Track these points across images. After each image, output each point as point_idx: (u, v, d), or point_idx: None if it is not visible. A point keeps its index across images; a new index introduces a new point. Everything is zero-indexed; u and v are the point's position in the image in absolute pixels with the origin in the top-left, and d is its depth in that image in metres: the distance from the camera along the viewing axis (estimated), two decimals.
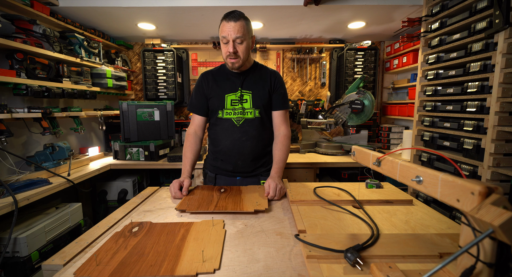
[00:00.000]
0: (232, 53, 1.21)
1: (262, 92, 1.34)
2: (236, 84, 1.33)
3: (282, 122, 1.39)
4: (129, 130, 2.27)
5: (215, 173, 1.43)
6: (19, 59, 1.64)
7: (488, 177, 1.37)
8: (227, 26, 1.18)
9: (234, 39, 1.19)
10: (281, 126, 1.39)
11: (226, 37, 1.19)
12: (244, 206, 1.03)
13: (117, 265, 0.67)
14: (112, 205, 2.30)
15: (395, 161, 0.67)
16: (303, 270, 0.66)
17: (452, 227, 0.87)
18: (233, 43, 1.20)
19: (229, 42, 1.20)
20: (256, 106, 1.34)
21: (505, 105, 1.32)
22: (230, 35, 1.18)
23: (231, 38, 1.18)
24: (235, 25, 1.17)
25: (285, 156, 1.33)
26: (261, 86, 1.35)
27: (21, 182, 1.50)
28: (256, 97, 1.33)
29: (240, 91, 1.33)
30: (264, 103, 1.34)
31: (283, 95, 1.39)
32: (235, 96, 1.33)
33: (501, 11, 1.27)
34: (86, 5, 1.97)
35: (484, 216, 0.41)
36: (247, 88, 1.34)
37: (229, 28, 1.18)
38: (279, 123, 1.39)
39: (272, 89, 1.36)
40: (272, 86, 1.36)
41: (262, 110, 1.35)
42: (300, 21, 2.34)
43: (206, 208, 1.02)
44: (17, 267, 1.31)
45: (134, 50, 3.01)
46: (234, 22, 1.17)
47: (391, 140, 2.64)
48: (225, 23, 1.19)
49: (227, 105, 1.33)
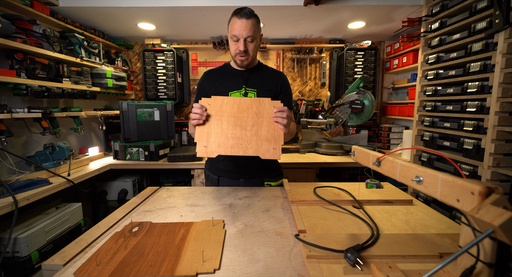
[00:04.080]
0: (243, 51, 1.21)
1: (268, 92, 1.33)
2: (240, 82, 1.33)
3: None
4: (129, 130, 2.27)
5: (217, 175, 1.41)
6: (19, 59, 1.65)
7: (488, 177, 1.37)
8: (239, 24, 1.17)
9: (246, 38, 1.19)
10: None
11: (237, 36, 1.19)
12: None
13: (117, 265, 0.67)
14: (112, 205, 2.30)
15: (395, 161, 0.67)
16: (303, 270, 0.66)
17: (452, 227, 0.87)
18: (244, 42, 1.20)
19: (240, 41, 1.20)
20: None
21: (505, 105, 1.32)
22: (242, 34, 1.18)
23: (242, 37, 1.18)
24: (247, 23, 1.17)
25: (291, 127, 1.25)
26: (267, 85, 1.34)
27: (21, 182, 1.50)
28: (261, 95, 1.32)
29: (244, 89, 1.32)
30: None
31: (289, 96, 1.39)
32: (239, 93, 1.32)
33: (501, 11, 1.27)
34: (86, 5, 1.97)
35: (484, 216, 0.41)
36: (252, 86, 1.33)
37: (241, 27, 1.17)
38: None
39: (280, 90, 1.36)
40: (280, 87, 1.36)
41: None
42: (300, 21, 2.34)
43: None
44: (17, 267, 1.31)
45: (134, 50, 3.01)
46: (246, 20, 1.16)
47: (391, 140, 2.64)
48: (237, 20, 1.17)
49: None
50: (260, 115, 1.06)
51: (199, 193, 1.26)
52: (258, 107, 1.06)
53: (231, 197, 1.20)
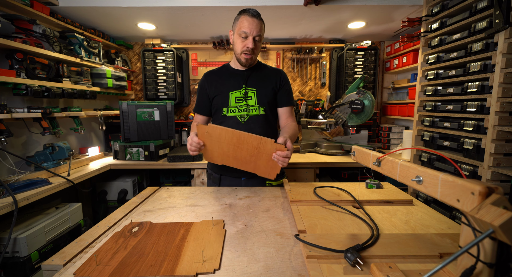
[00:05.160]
0: (251, 49, 1.24)
1: (268, 90, 1.35)
2: (240, 81, 1.34)
3: (289, 118, 1.40)
4: (129, 130, 2.26)
5: (219, 174, 1.42)
6: (19, 59, 1.64)
7: (488, 177, 1.37)
8: (250, 22, 1.21)
9: (255, 36, 1.22)
10: (288, 120, 1.40)
11: (247, 33, 1.21)
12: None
13: (117, 265, 0.67)
14: (112, 205, 2.30)
15: (395, 161, 0.67)
16: (303, 270, 0.66)
17: (452, 227, 0.87)
18: (253, 40, 1.23)
19: (249, 38, 1.22)
20: (262, 103, 1.34)
21: (505, 105, 1.32)
22: (252, 32, 1.21)
23: (252, 34, 1.21)
24: (258, 22, 1.22)
25: (293, 132, 1.29)
26: (267, 83, 1.36)
27: (21, 182, 1.50)
28: (261, 94, 1.34)
29: (244, 88, 1.33)
30: (269, 100, 1.35)
31: (288, 91, 1.40)
32: (239, 93, 1.33)
33: (501, 11, 1.27)
34: (86, 5, 1.97)
35: (484, 216, 0.41)
36: (252, 85, 1.34)
37: (252, 24, 1.20)
38: (285, 119, 1.40)
39: (278, 86, 1.37)
40: (278, 83, 1.37)
41: (267, 107, 1.35)
42: (300, 21, 2.34)
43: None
44: (17, 267, 1.31)
45: (134, 50, 3.01)
46: (257, 20, 1.22)
47: (391, 140, 2.64)
48: (248, 18, 1.21)
49: (231, 102, 1.33)
50: (260, 151, 1.04)
51: (199, 193, 1.26)
52: (259, 144, 1.02)
53: (231, 197, 1.20)
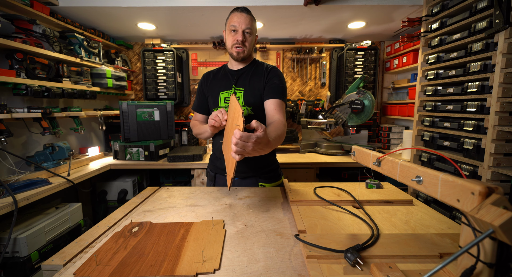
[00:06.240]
0: (241, 41, 1.24)
1: (256, 89, 1.29)
2: (231, 81, 1.33)
3: (276, 110, 1.20)
4: (129, 130, 2.26)
5: (214, 172, 1.43)
6: (19, 59, 1.64)
7: (488, 177, 1.37)
8: (238, 16, 1.23)
9: (244, 29, 1.23)
10: (274, 115, 1.19)
11: (236, 27, 1.23)
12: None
13: (117, 265, 0.67)
14: (112, 205, 2.30)
15: (395, 161, 0.67)
16: (303, 270, 0.66)
17: (452, 227, 0.87)
18: (243, 33, 1.24)
19: (238, 31, 1.23)
20: (248, 104, 1.29)
21: (505, 105, 1.32)
22: (241, 25, 1.22)
23: (241, 28, 1.23)
24: (246, 17, 1.23)
25: (276, 134, 0.99)
26: (255, 83, 1.30)
27: (21, 182, 1.50)
28: (248, 94, 1.29)
29: (233, 88, 1.32)
30: (257, 100, 1.29)
31: (276, 85, 1.26)
32: (228, 93, 1.32)
33: (501, 11, 1.27)
34: (86, 5, 1.97)
35: (484, 216, 0.41)
36: (241, 85, 1.32)
37: (240, 19, 1.22)
38: (272, 112, 1.21)
39: (266, 82, 1.29)
40: (265, 79, 1.29)
41: (255, 107, 1.30)
42: (300, 21, 2.34)
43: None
44: (17, 267, 1.31)
45: (134, 50, 3.01)
46: (246, 14, 1.24)
47: (391, 140, 2.64)
48: (237, 13, 1.23)
49: (220, 102, 1.33)
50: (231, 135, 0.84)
51: (199, 193, 1.26)
52: (233, 126, 0.89)
53: (231, 197, 1.20)
